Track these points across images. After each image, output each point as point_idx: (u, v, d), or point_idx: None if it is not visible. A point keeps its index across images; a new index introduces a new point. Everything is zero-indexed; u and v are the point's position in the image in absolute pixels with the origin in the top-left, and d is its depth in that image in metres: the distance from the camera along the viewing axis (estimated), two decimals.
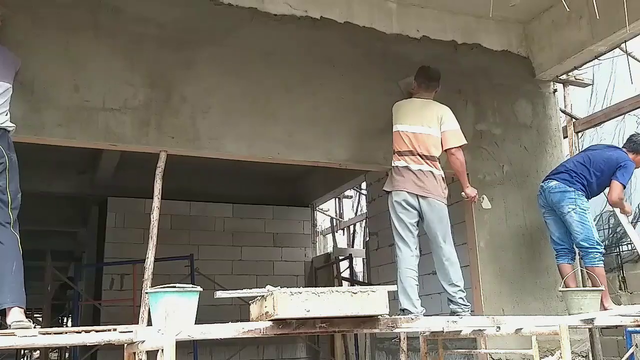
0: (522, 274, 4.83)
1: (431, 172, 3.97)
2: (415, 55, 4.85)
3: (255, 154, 4.25)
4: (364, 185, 9.44)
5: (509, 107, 5.19)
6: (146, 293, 3.50)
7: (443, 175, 4.03)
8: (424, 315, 3.73)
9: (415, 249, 3.95)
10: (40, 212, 8.76)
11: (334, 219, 11.36)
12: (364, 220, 10.51)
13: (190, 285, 2.88)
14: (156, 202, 3.87)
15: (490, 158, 4.99)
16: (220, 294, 2.89)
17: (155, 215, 3.84)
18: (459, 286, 3.87)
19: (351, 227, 11.78)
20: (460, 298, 3.85)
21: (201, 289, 2.90)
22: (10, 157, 3.12)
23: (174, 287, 2.83)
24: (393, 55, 4.80)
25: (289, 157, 4.35)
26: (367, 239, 8.22)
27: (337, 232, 11.40)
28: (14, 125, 3.22)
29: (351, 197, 11.99)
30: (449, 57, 4.99)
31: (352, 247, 11.38)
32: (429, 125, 4.03)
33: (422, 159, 3.99)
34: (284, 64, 4.43)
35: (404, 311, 3.79)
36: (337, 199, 11.51)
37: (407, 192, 3.96)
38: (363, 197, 11.12)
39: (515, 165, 5.05)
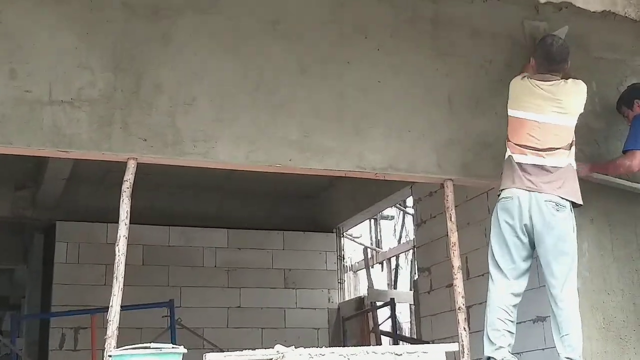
0: (636, 326, 4.77)
1: (570, 164, 4.18)
2: (478, 19, 4.85)
3: (258, 162, 4.28)
4: (409, 201, 9.42)
5: (614, 90, 5.16)
6: (109, 356, 3.53)
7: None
8: None
9: (516, 281, 4.04)
10: None
11: (369, 249, 11.35)
12: (411, 251, 10.48)
13: (170, 345, 2.91)
14: (123, 228, 3.91)
15: (590, 163, 4.95)
16: (211, 357, 2.91)
17: (121, 246, 3.87)
18: (572, 346, 3.93)
19: (393, 261, 11.74)
20: (568, 358, 3.92)
21: (185, 350, 2.93)
22: None
23: (148, 347, 2.85)
24: (448, 21, 4.81)
25: (304, 165, 4.37)
26: (416, 276, 8.20)
27: (372, 267, 11.38)
28: None
29: (392, 218, 11.97)
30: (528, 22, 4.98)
31: (395, 288, 11.34)
32: (572, 113, 4.24)
33: (553, 150, 4.15)
34: (297, 36, 4.46)
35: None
36: (372, 220, 11.50)
37: (517, 190, 4.08)
38: (409, 219, 11.09)
39: None
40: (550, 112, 4.17)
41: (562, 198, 4.08)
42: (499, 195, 4.23)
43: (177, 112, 4.13)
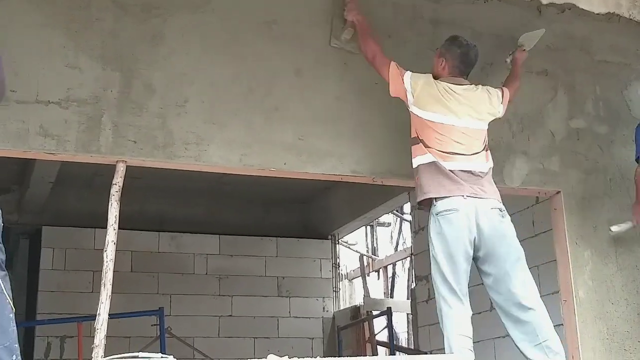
0: None
1: (490, 167, 4.12)
2: (479, 22, 4.85)
3: (252, 165, 4.27)
4: (407, 207, 9.44)
5: (618, 95, 5.17)
6: None
7: None
8: None
9: (467, 301, 3.90)
10: None
11: (365, 257, 11.36)
12: (408, 259, 10.49)
13: (159, 355, 2.90)
14: (111, 233, 3.89)
15: (592, 169, 4.96)
16: None
17: (109, 252, 3.86)
18: (555, 351, 3.82)
19: (389, 269, 11.75)
20: None
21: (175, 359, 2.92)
22: None
23: (137, 356, 2.84)
24: (448, 24, 4.80)
25: (300, 169, 4.36)
26: (413, 285, 8.20)
27: (369, 275, 11.39)
28: None
29: (389, 224, 11.98)
30: (530, 24, 4.98)
31: (391, 297, 11.35)
32: (485, 119, 4.21)
33: (478, 154, 4.09)
34: (293, 37, 4.46)
35: None
36: (369, 227, 11.51)
37: (458, 198, 3.91)
38: (406, 225, 11.11)
39: (628, 177, 5.01)
40: (466, 116, 4.08)
41: (501, 202, 4.02)
42: (432, 206, 3.99)
43: (168, 113, 4.12)
